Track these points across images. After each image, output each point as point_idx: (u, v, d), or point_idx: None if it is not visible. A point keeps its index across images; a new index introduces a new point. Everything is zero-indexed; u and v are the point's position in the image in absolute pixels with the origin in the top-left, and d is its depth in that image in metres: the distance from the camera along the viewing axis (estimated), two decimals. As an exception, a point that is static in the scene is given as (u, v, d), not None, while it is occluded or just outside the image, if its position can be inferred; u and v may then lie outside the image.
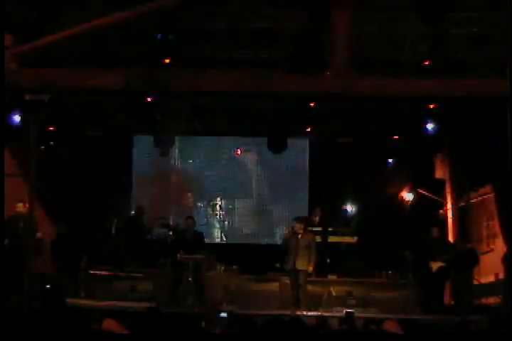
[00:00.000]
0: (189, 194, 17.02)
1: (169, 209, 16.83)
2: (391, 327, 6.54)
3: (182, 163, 17.08)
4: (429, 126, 14.42)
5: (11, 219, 12.01)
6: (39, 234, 12.05)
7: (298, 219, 13.53)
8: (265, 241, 16.95)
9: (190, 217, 13.72)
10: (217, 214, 17.06)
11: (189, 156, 17.03)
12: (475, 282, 14.36)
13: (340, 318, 9.73)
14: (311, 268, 13.05)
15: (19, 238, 11.37)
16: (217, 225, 17.06)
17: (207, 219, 16.94)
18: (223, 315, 9.32)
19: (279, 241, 15.45)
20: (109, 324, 6.18)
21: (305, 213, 15.94)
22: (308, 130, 15.62)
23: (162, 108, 14.93)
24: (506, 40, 8.90)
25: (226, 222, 17.09)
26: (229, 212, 17.10)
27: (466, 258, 13.60)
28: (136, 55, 11.67)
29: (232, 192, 17.13)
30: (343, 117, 15.36)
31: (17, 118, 12.68)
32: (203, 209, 17.03)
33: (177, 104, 14.80)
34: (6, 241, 11.58)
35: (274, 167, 17.07)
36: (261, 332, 6.54)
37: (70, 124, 15.41)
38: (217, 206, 17.05)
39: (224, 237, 17.02)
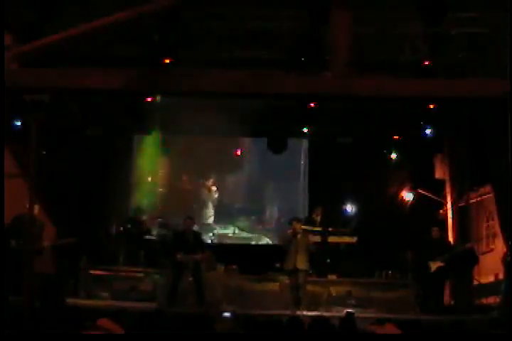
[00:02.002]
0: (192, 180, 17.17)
1: (169, 208, 16.80)
2: (391, 330, 6.54)
3: (182, 162, 17.07)
4: (428, 131, 14.51)
5: (20, 219, 11.90)
6: (45, 243, 12.06)
7: (297, 219, 13.55)
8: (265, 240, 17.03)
9: (190, 217, 13.69)
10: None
11: (189, 155, 17.01)
12: (475, 282, 14.37)
13: (340, 318, 9.70)
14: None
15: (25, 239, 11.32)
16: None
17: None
18: (226, 314, 9.32)
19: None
20: (104, 323, 6.17)
21: (305, 213, 15.97)
22: (307, 130, 15.62)
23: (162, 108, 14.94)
24: (506, 40, 8.90)
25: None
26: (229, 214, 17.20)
27: (465, 258, 13.60)
28: (136, 55, 11.69)
29: (232, 191, 17.16)
30: (342, 117, 15.36)
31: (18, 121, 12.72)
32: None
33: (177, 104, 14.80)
34: (13, 242, 11.53)
35: (273, 167, 17.06)
36: (261, 332, 6.55)
37: (70, 124, 15.40)
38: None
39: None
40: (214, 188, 17.22)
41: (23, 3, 10.07)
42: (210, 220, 17.20)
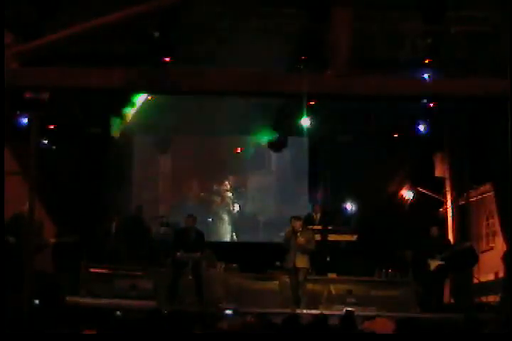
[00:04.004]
0: (195, 183, 16.99)
1: (170, 207, 16.81)
2: (383, 324, 6.57)
3: (182, 162, 17.04)
4: (421, 127, 14.51)
5: (19, 217, 11.90)
6: (52, 240, 12.08)
7: (296, 217, 13.54)
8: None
9: (191, 216, 13.71)
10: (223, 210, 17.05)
11: (190, 155, 16.99)
12: (475, 280, 14.38)
13: (340, 317, 9.73)
14: None
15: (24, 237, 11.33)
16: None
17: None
18: (228, 312, 9.36)
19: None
20: None
21: (305, 211, 15.95)
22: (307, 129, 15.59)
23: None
24: (506, 39, 8.91)
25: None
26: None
27: (465, 256, 13.60)
28: (137, 54, 11.66)
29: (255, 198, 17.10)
30: (343, 115, 15.34)
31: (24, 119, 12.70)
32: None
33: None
34: (12, 239, 11.53)
35: (273, 165, 17.05)
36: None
37: (70, 122, 15.37)
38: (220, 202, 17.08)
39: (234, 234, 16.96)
40: (229, 194, 17.07)
41: (24, 1, 10.05)
42: (227, 238, 16.95)
